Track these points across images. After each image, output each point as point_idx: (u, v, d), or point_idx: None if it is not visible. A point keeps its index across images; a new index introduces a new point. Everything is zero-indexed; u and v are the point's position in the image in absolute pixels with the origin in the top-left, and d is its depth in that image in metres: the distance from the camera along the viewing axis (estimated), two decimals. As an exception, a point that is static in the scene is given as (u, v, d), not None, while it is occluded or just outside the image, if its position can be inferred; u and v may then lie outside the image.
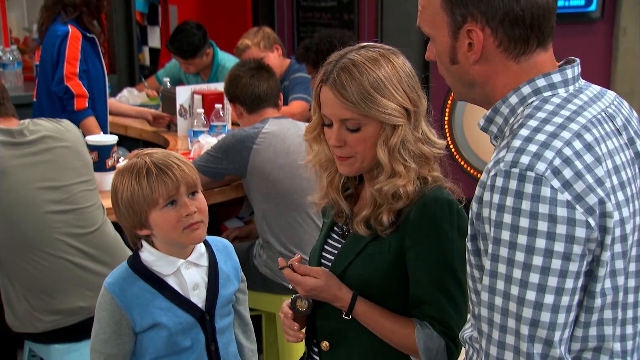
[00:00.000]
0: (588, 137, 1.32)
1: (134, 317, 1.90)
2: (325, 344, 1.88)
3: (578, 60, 1.45)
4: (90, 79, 4.00)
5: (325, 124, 1.81)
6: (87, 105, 3.89)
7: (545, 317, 1.27)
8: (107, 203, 2.05)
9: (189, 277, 1.96)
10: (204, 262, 2.01)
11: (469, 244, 1.42)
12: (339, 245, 1.90)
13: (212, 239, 2.08)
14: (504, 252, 1.29)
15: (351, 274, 1.82)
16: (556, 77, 1.40)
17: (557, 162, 1.28)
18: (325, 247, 1.93)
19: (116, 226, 2.67)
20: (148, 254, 1.95)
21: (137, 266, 1.95)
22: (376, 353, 1.83)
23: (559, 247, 1.25)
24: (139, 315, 1.90)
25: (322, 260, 1.93)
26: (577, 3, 5.53)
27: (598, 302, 1.32)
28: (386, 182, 1.76)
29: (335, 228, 1.93)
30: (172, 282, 1.95)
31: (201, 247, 2.02)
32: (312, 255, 1.97)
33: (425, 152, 1.79)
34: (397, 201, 1.76)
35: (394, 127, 1.74)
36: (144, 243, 1.96)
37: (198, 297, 1.97)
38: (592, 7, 5.54)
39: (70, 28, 3.88)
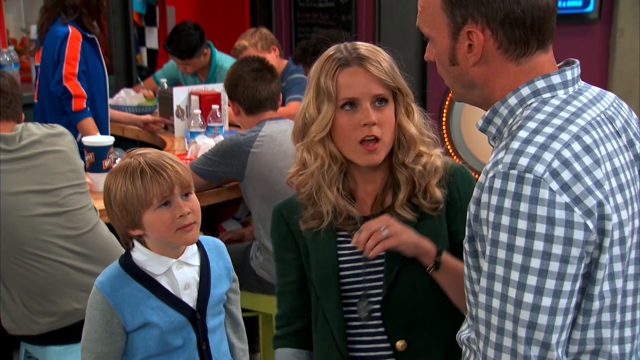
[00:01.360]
0: (587, 139, 1.32)
1: (125, 317, 1.90)
2: (401, 344, 1.82)
3: (578, 62, 1.44)
4: (91, 80, 4.00)
5: (346, 107, 1.79)
6: (85, 106, 3.88)
7: (542, 319, 1.27)
8: (102, 204, 2.05)
9: (181, 276, 1.96)
10: (196, 261, 2.00)
11: (466, 246, 1.41)
12: (358, 251, 1.81)
13: (204, 238, 2.08)
14: (501, 254, 1.28)
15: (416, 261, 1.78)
16: (555, 79, 1.40)
17: (556, 164, 1.27)
18: (341, 259, 1.85)
19: (110, 226, 2.67)
20: (139, 254, 1.95)
21: (129, 266, 1.95)
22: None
23: (557, 249, 1.25)
24: (130, 315, 1.90)
25: (342, 275, 1.84)
26: (575, 4, 5.53)
27: (596, 304, 1.32)
28: (422, 158, 1.81)
29: (343, 238, 1.86)
30: (163, 281, 1.94)
31: (193, 247, 2.02)
32: (325, 275, 1.86)
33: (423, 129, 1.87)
34: (435, 175, 1.81)
35: (406, 106, 1.83)
36: (136, 243, 1.96)
37: (189, 297, 1.97)
38: (590, 8, 5.54)
39: (70, 29, 3.88)
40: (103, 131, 3.98)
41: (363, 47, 1.83)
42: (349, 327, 1.86)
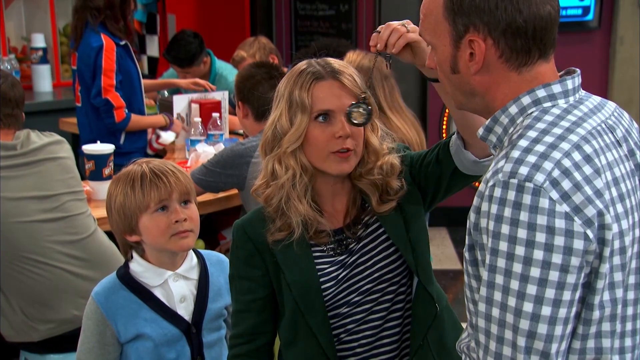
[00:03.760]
0: (587, 149, 1.32)
1: (118, 327, 1.90)
2: None
3: (579, 71, 1.44)
4: (127, 85, 4.09)
5: (319, 119, 1.80)
6: (125, 114, 4.00)
7: (542, 329, 1.27)
8: (103, 212, 2.05)
9: (177, 289, 1.95)
10: (194, 274, 2.00)
11: (466, 254, 1.41)
12: (337, 260, 1.84)
13: (207, 253, 2.08)
14: (501, 262, 1.28)
15: (415, 234, 1.86)
16: (556, 88, 1.40)
17: (556, 173, 1.27)
18: (320, 273, 1.83)
19: (111, 237, 2.67)
20: (137, 265, 1.95)
21: (125, 277, 1.95)
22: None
23: (556, 258, 1.25)
24: (124, 326, 1.90)
25: (324, 288, 1.83)
26: (575, 12, 5.54)
27: (596, 314, 1.32)
28: (380, 162, 1.85)
29: (319, 253, 1.85)
30: (158, 293, 1.94)
31: (192, 260, 2.01)
32: (307, 291, 1.82)
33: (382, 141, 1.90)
34: (393, 173, 1.86)
35: (372, 122, 1.85)
36: (134, 254, 1.97)
37: (185, 310, 1.96)
38: (590, 16, 5.55)
39: (104, 39, 3.96)
40: (140, 134, 4.12)
41: (335, 62, 1.86)
42: (338, 338, 1.86)
